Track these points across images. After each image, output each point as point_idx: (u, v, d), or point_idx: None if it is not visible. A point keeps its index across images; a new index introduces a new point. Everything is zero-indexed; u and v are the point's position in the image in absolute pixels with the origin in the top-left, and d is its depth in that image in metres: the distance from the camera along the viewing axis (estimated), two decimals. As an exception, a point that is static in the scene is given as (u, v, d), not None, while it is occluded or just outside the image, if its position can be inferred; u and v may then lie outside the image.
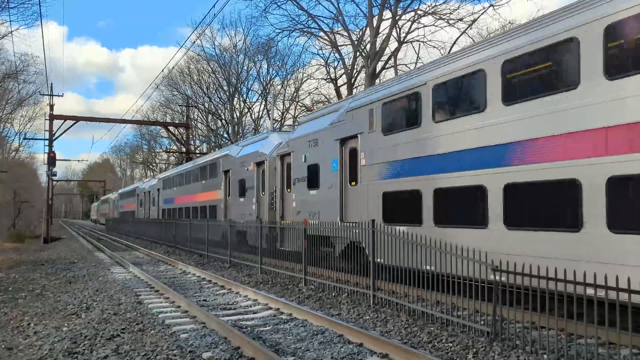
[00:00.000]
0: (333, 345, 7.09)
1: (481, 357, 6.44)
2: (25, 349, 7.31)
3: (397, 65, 31.68)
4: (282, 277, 13.69)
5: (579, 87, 7.58)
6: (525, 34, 8.59)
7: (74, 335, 7.83)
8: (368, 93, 13.07)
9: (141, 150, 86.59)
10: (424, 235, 9.15)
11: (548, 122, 7.98)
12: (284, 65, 45.45)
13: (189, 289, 12.61)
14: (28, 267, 18.72)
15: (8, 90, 45.58)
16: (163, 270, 16.91)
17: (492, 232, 8.77)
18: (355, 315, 9.10)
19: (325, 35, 33.75)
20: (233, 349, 6.87)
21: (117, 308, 9.93)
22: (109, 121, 43.58)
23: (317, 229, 12.74)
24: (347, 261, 12.13)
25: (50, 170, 37.16)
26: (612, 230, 6.97)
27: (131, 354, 6.74)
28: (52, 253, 25.48)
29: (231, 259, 17.38)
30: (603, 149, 7.21)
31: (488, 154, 8.99)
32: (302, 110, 43.05)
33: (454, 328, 7.76)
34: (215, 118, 52.95)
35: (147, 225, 33.45)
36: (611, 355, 6.11)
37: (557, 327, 6.51)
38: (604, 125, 7.22)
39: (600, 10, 7.39)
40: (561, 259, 7.46)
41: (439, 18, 29.68)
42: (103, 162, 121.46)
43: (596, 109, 7.34)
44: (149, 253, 22.86)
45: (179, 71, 50.47)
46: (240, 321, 8.69)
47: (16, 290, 13.06)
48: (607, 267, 6.78)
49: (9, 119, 50.86)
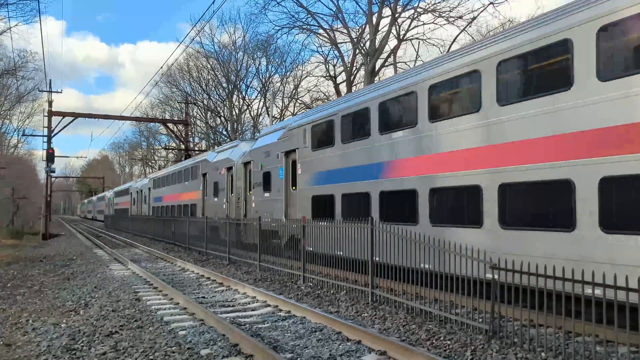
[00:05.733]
0: (331, 342, 7.10)
1: (479, 354, 6.45)
2: (23, 346, 7.31)
3: (396, 63, 31.67)
4: (280, 274, 13.71)
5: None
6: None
7: (73, 331, 7.83)
8: (303, 116, 16.45)
9: (140, 147, 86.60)
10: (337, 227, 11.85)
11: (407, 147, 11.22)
12: (283, 62, 45.49)
13: (188, 286, 12.62)
14: (27, 263, 18.72)
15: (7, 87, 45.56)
16: (162, 267, 16.92)
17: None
18: (354, 313, 9.10)
19: (325, 32, 33.75)
20: (231, 345, 6.88)
21: (115, 305, 9.94)
22: (108, 118, 43.55)
23: (268, 225, 15.43)
24: (290, 250, 14.72)
25: (49, 166, 37.08)
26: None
27: (129, 351, 6.74)
28: (51, 250, 25.48)
29: (230, 256, 17.42)
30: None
31: (371, 169, 12.33)
32: (302, 107, 43.03)
33: (452, 326, 7.78)
34: (215, 115, 52.93)
35: (145, 223, 33.52)
36: (609, 353, 6.13)
37: (555, 325, 6.52)
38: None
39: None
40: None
41: (439, 16, 29.71)
42: (102, 159, 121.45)
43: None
44: (148, 250, 22.86)
45: (178, 68, 50.46)
46: (238, 318, 8.70)
47: (15, 286, 13.06)
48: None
49: (7, 115, 50.90)
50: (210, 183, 24.92)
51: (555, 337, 6.50)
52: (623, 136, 6.92)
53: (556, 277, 6.27)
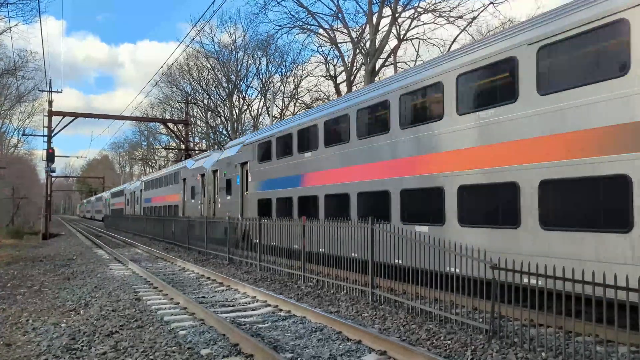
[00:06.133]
0: (331, 342, 7.10)
1: (479, 354, 6.45)
2: (23, 345, 7.31)
3: (396, 63, 31.65)
4: (281, 274, 13.71)
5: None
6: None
7: (73, 331, 7.83)
8: (254, 135, 20.24)
9: (140, 147, 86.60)
10: (272, 224, 15.04)
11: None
12: (283, 62, 45.45)
13: (188, 285, 12.62)
14: (27, 263, 18.72)
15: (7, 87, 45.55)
16: (162, 267, 16.92)
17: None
18: (354, 313, 9.11)
19: (325, 32, 33.72)
20: (232, 345, 6.88)
21: (115, 304, 9.94)
22: (108, 117, 43.49)
23: (231, 222, 18.40)
24: (244, 242, 17.91)
25: (49, 166, 37.06)
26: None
27: (130, 351, 6.74)
28: (51, 249, 25.47)
29: (230, 256, 17.43)
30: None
31: (293, 179, 16.08)
32: (302, 107, 43.02)
33: (452, 325, 7.78)
34: (215, 115, 52.90)
35: (145, 222, 33.54)
36: (609, 353, 6.13)
37: (555, 324, 6.52)
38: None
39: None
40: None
41: (439, 15, 29.67)
42: (102, 159, 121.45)
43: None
44: (148, 250, 22.87)
45: (178, 68, 50.44)
46: (239, 318, 8.70)
47: (15, 286, 13.07)
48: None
49: (7, 115, 50.87)
50: (189, 187, 29.01)
51: (556, 337, 6.50)
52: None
53: (556, 277, 6.28)
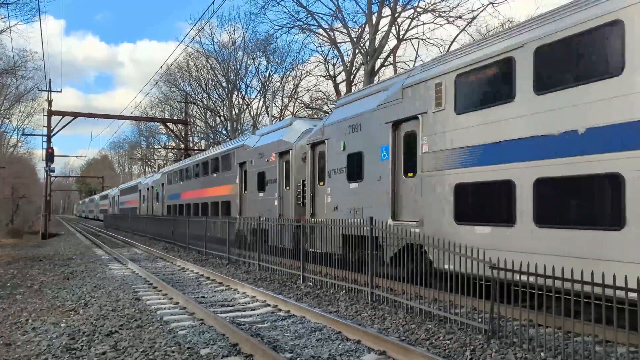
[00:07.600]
0: (331, 342, 7.11)
1: (478, 354, 6.46)
2: (23, 345, 7.31)
3: (396, 63, 31.66)
4: (280, 274, 13.71)
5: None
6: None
7: (72, 331, 7.83)
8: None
9: (140, 146, 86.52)
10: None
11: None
12: (282, 62, 45.45)
13: (187, 285, 12.62)
14: (26, 263, 18.71)
15: (6, 86, 45.50)
16: (161, 266, 16.92)
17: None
18: (353, 312, 9.11)
19: (325, 32, 33.70)
20: (231, 345, 6.88)
21: (115, 304, 9.94)
22: (108, 117, 43.47)
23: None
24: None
25: (49, 166, 37.06)
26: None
27: (129, 350, 6.74)
28: (51, 249, 25.46)
29: (229, 256, 17.42)
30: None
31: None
32: (301, 107, 43.04)
33: (451, 325, 7.78)
34: (214, 114, 52.91)
35: (144, 222, 33.53)
36: (608, 353, 6.13)
37: (555, 325, 6.53)
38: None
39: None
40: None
41: (438, 15, 29.66)
42: (102, 159, 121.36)
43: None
44: (148, 249, 22.87)
45: (177, 67, 50.43)
46: (238, 318, 8.70)
47: (14, 286, 13.07)
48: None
49: (7, 114, 50.78)
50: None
51: (555, 337, 6.50)
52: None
53: (556, 277, 6.28)
